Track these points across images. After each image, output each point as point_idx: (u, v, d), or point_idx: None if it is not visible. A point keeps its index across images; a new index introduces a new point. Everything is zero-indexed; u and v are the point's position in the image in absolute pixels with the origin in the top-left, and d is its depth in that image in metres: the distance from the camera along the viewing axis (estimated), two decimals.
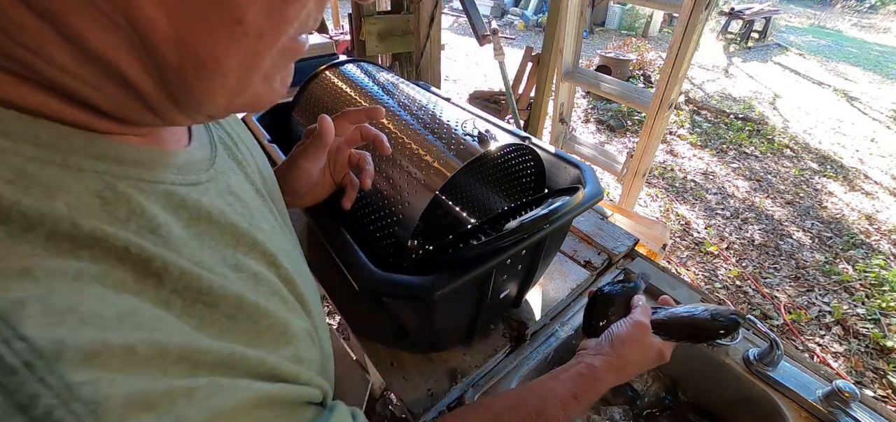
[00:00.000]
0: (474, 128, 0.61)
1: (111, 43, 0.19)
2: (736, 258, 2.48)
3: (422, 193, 0.57)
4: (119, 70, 0.20)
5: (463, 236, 0.60)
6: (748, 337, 0.74)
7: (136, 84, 0.20)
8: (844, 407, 0.61)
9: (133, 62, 0.20)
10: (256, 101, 0.25)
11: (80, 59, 0.19)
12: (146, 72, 0.20)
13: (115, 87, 0.21)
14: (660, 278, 0.83)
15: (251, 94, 0.24)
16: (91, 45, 0.18)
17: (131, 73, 0.20)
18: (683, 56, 1.53)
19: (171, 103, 0.22)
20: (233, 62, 0.21)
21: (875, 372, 1.84)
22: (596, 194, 0.61)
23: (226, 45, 0.20)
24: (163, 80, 0.21)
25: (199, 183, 0.27)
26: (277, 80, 0.26)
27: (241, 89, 0.23)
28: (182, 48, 0.20)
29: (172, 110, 0.23)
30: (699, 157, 3.60)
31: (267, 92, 0.25)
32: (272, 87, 0.25)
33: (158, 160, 0.25)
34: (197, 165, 0.28)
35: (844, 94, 5.36)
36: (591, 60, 4.88)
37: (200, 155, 0.30)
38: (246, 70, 0.22)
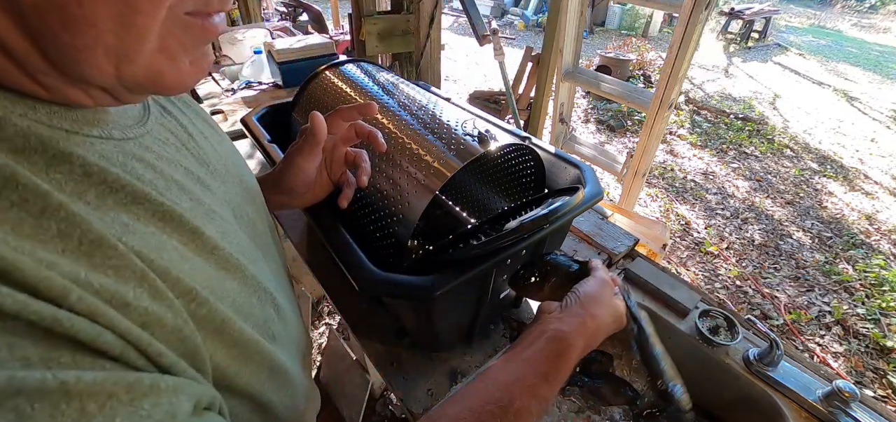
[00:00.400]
0: (474, 128, 0.61)
1: None
2: (736, 258, 2.48)
3: (422, 192, 0.57)
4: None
5: (463, 236, 0.60)
6: (748, 337, 0.74)
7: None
8: (844, 407, 0.61)
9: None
10: (159, 78, 0.23)
11: None
12: (5, 16, 0.18)
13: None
14: (660, 278, 0.82)
15: (147, 66, 0.22)
16: None
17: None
18: (683, 56, 1.53)
19: (48, 65, 0.20)
20: (104, 13, 0.19)
21: (875, 372, 1.84)
22: (596, 194, 0.61)
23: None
24: (28, 29, 0.19)
25: (130, 138, 0.27)
26: (184, 60, 0.24)
27: (127, 52, 0.21)
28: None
29: (53, 75, 0.21)
30: (699, 157, 3.60)
31: (171, 70, 0.24)
32: (177, 65, 0.24)
33: (77, 116, 0.24)
34: (128, 120, 0.28)
35: (844, 94, 5.36)
36: (591, 60, 4.88)
37: (134, 112, 0.30)
38: (126, 28, 0.20)
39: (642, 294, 0.82)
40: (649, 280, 0.82)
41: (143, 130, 0.30)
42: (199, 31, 0.24)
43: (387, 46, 1.87)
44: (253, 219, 0.40)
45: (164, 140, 0.32)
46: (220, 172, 0.37)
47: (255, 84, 1.76)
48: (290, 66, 1.66)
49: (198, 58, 0.25)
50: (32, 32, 0.19)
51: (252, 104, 1.62)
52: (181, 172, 0.31)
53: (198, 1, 0.23)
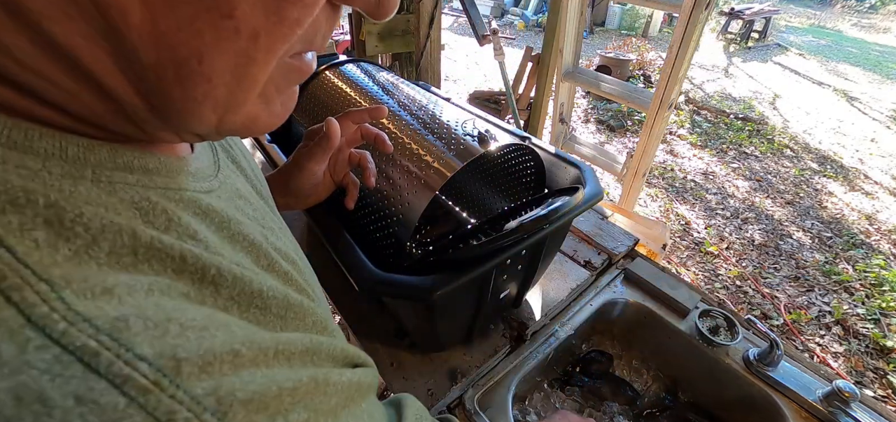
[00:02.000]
0: (474, 128, 0.61)
1: (77, 32, 0.16)
2: (736, 258, 2.48)
3: (422, 192, 0.57)
4: (89, 68, 0.17)
5: (463, 236, 0.60)
6: (748, 337, 0.74)
7: (111, 88, 0.18)
8: (844, 407, 0.61)
9: (104, 59, 0.17)
10: (252, 124, 0.22)
11: (46, 55, 0.17)
12: (121, 71, 0.18)
13: (90, 93, 0.18)
14: (660, 278, 0.82)
15: (246, 114, 0.22)
16: (53, 33, 0.16)
17: (104, 73, 0.17)
18: (683, 56, 1.53)
19: (153, 114, 0.20)
20: (221, 66, 0.18)
21: (875, 372, 1.84)
22: (596, 194, 0.61)
23: (211, 43, 0.18)
24: (141, 83, 0.18)
25: (213, 190, 0.26)
26: (278, 103, 0.23)
27: (233, 104, 0.20)
28: (160, 43, 0.17)
29: (156, 124, 0.20)
30: (699, 157, 3.60)
31: (265, 115, 0.23)
32: (271, 109, 0.23)
33: (177, 167, 0.24)
34: (206, 171, 0.27)
35: (844, 94, 5.36)
36: (591, 60, 4.88)
37: (206, 161, 0.29)
38: (238, 80, 0.19)
39: (642, 294, 0.82)
40: (649, 280, 0.82)
41: (221, 179, 0.28)
42: (295, 73, 0.23)
43: (387, 46, 1.87)
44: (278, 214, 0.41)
45: (234, 184, 0.30)
46: (267, 199, 0.37)
47: None
48: None
49: (287, 98, 0.25)
50: (145, 87, 0.18)
51: None
52: (254, 213, 0.30)
53: (304, 43, 0.22)
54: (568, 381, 0.78)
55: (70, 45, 0.16)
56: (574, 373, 0.78)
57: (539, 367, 0.72)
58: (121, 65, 0.17)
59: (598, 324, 0.83)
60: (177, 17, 0.17)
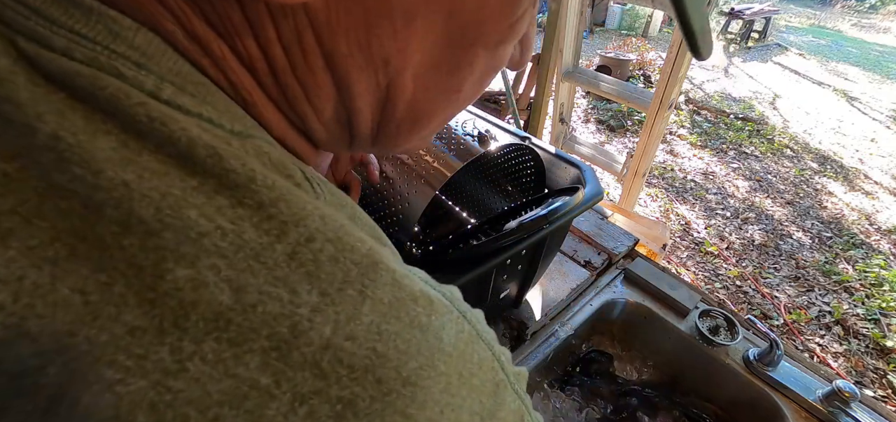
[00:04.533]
0: (474, 128, 0.61)
1: (368, 101, 0.21)
2: (736, 258, 2.48)
3: (422, 192, 0.57)
4: (354, 118, 0.22)
5: (463, 236, 0.60)
6: (748, 337, 0.74)
7: (359, 128, 0.22)
8: (844, 407, 0.61)
9: (369, 114, 0.22)
10: (426, 142, 0.29)
11: (337, 110, 0.21)
12: (372, 120, 0.22)
13: (340, 128, 0.23)
14: (660, 278, 0.83)
15: (430, 134, 0.27)
16: (354, 103, 0.21)
17: (363, 119, 0.22)
18: (683, 56, 1.52)
19: (371, 142, 0.24)
20: (439, 119, 0.24)
21: (875, 372, 1.84)
22: (596, 194, 0.61)
23: (442, 108, 0.23)
24: (380, 126, 0.23)
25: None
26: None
27: (429, 135, 0.26)
28: (410, 108, 0.22)
29: (366, 146, 0.25)
30: (699, 157, 3.60)
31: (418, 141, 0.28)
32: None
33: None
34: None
35: (844, 94, 5.36)
36: (591, 60, 4.88)
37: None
38: (440, 125, 0.26)
39: (642, 294, 0.82)
40: (649, 280, 0.82)
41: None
42: None
43: None
44: None
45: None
46: None
47: None
48: None
49: None
50: (381, 127, 0.23)
51: None
52: None
53: None
54: (568, 381, 0.78)
55: (358, 110, 0.21)
56: (574, 373, 0.78)
57: (539, 367, 0.72)
58: (375, 117, 0.22)
59: (598, 324, 0.83)
60: (431, 94, 0.22)
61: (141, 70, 0.14)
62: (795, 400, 0.65)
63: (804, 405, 0.64)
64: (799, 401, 0.65)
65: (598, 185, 0.63)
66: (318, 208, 0.16)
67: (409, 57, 0.19)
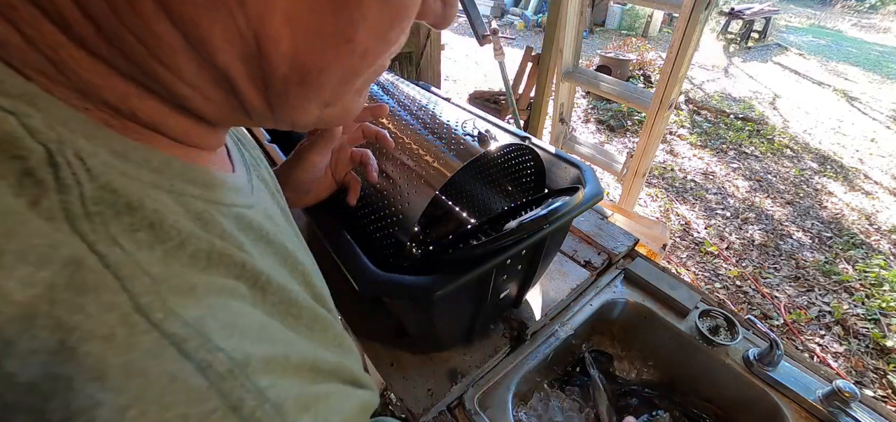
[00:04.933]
0: (474, 128, 0.61)
1: (233, 54, 0.19)
2: (736, 258, 2.48)
3: (422, 192, 0.57)
4: (230, 78, 0.20)
5: (463, 236, 0.60)
6: (748, 337, 0.74)
7: (242, 92, 0.21)
8: (844, 407, 0.61)
9: (244, 71, 0.20)
10: (346, 114, 0.26)
11: (201, 70, 0.19)
12: (251, 80, 0.20)
13: (221, 94, 0.21)
14: (660, 278, 0.83)
15: (342, 107, 0.25)
16: (217, 58, 0.19)
17: (240, 81, 0.20)
18: (683, 56, 1.53)
19: (267, 109, 0.22)
20: (334, 77, 0.22)
21: (875, 372, 1.84)
22: (596, 194, 0.61)
23: (331, 61, 0.21)
24: (266, 88, 0.21)
25: (252, 206, 0.28)
26: (364, 95, 0.27)
27: (333, 100, 0.24)
28: (294, 62, 0.20)
29: (266, 116, 0.23)
30: (699, 157, 3.60)
31: (355, 105, 0.26)
32: (361, 101, 0.27)
33: (224, 184, 0.25)
34: (245, 188, 0.29)
35: (844, 94, 5.36)
36: (591, 60, 4.88)
37: (244, 179, 0.30)
38: (342, 84, 0.23)
39: (642, 294, 0.82)
40: (649, 280, 0.82)
41: (255, 198, 0.29)
42: (381, 70, 0.26)
43: None
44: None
45: (264, 202, 0.31)
46: (289, 217, 0.37)
47: None
48: None
49: (366, 92, 0.28)
50: (270, 92, 0.21)
51: None
52: (281, 231, 0.31)
53: (396, 49, 0.25)
54: (568, 381, 0.78)
55: (225, 66, 0.19)
56: (574, 373, 0.78)
57: (539, 367, 0.72)
58: (254, 75, 0.20)
59: (598, 324, 0.83)
60: (313, 44, 0.20)
61: None
62: (795, 400, 0.65)
63: (804, 405, 0.64)
64: (799, 401, 0.65)
65: (598, 185, 0.63)
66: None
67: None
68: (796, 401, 0.65)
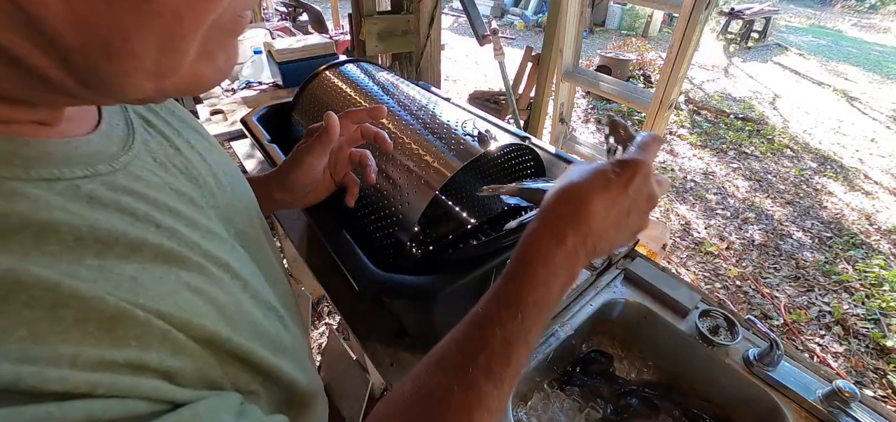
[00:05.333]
0: (474, 128, 0.61)
1: (3, 26, 0.17)
2: (736, 258, 2.48)
3: (422, 192, 0.57)
4: (12, 53, 0.18)
5: (463, 236, 0.60)
6: (748, 337, 0.74)
7: (37, 68, 0.19)
8: (844, 407, 0.61)
9: (25, 44, 0.18)
10: (198, 82, 0.23)
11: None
12: (44, 54, 0.18)
13: (16, 73, 0.19)
14: (660, 278, 0.83)
15: (188, 75, 0.22)
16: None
17: (27, 55, 0.18)
18: (683, 56, 1.53)
19: (84, 88, 0.20)
20: (146, 43, 0.19)
21: (875, 372, 1.84)
22: None
23: (133, 25, 0.18)
24: (67, 63, 0.19)
25: (103, 174, 0.26)
26: (221, 59, 0.24)
27: (166, 71, 0.21)
28: (81, 27, 0.18)
29: (89, 95, 0.21)
30: (699, 157, 3.60)
31: (210, 71, 0.24)
32: (215, 65, 0.24)
33: (34, 154, 0.23)
34: (99, 156, 0.27)
35: (844, 94, 5.36)
36: (591, 60, 4.88)
37: (113, 139, 0.28)
38: (166, 52, 0.20)
39: (642, 294, 0.82)
40: (649, 280, 0.82)
41: (130, 157, 0.28)
42: (233, 29, 0.24)
43: (387, 46, 1.87)
44: (246, 229, 0.39)
45: (151, 162, 0.30)
46: (210, 186, 0.36)
47: (255, 84, 1.76)
48: (290, 67, 1.66)
49: (230, 51, 0.25)
50: (72, 66, 0.19)
51: (252, 104, 1.62)
52: (174, 197, 0.30)
53: (236, 7, 0.23)
54: (568, 381, 0.78)
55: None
56: (574, 373, 0.78)
57: (539, 367, 0.72)
58: (45, 49, 0.18)
59: (598, 324, 0.83)
60: (96, 6, 0.17)
61: None
62: (795, 400, 0.65)
63: (804, 405, 0.64)
64: (799, 401, 0.65)
65: None
66: None
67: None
68: (796, 401, 0.65)
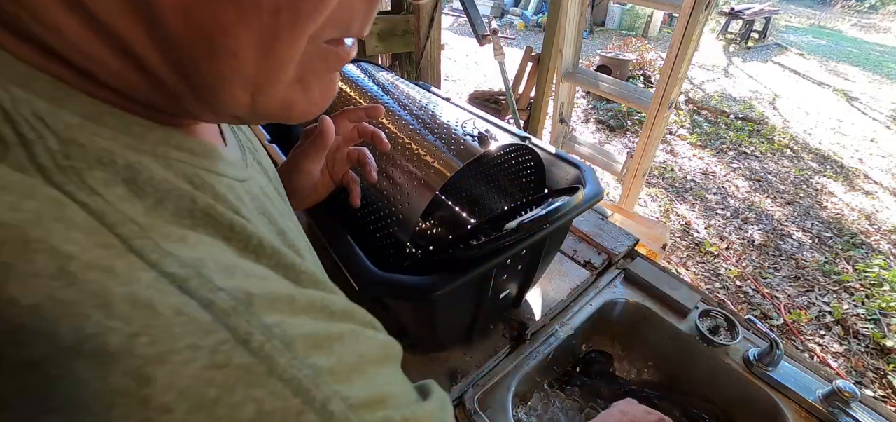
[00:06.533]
0: (474, 128, 0.61)
1: (115, 7, 0.17)
2: (736, 258, 2.48)
3: (422, 192, 0.57)
4: (129, 45, 0.18)
5: (463, 236, 0.60)
6: (748, 337, 0.74)
7: (151, 66, 0.19)
8: (844, 407, 0.61)
9: (142, 35, 0.18)
10: (290, 109, 0.23)
11: (94, 35, 0.18)
12: (157, 47, 0.18)
13: (133, 72, 0.19)
14: (660, 278, 0.82)
15: (282, 97, 0.22)
16: (95, 10, 0.17)
17: (142, 49, 0.18)
18: (683, 56, 1.53)
19: (190, 91, 0.20)
20: (246, 41, 0.19)
21: (875, 372, 1.84)
22: (596, 194, 0.61)
23: (234, 18, 0.18)
24: (176, 59, 0.19)
25: (246, 179, 0.27)
26: (316, 89, 0.24)
27: (263, 83, 0.21)
28: (189, 18, 0.18)
29: (194, 102, 0.21)
30: (699, 157, 3.60)
31: (303, 101, 0.23)
32: (309, 96, 0.24)
33: (216, 154, 0.24)
34: (238, 163, 0.28)
35: (844, 94, 5.36)
36: (591, 60, 4.88)
37: (237, 155, 0.29)
38: (265, 56, 0.20)
39: (642, 294, 0.82)
40: (649, 280, 0.82)
41: (248, 174, 0.28)
42: (334, 59, 0.24)
43: (387, 46, 1.87)
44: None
45: (259, 181, 0.31)
46: (286, 202, 0.37)
47: None
48: None
49: (326, 85, 0.25)
50: (179, 63, 0.19)
51: None
52: (278, 211, 0.30)
53: (339, 28, 0.22)
54: (568, 381, 0.78)
55: (111, 23, 0.17)
56: (574, 373, 0.78)
57: (539, 367, 0.72)
58: (156, 40, 0.18)
59: (598, 324, 0.83)
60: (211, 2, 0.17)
61: None
62: (795, 400, 0.65)
63: (804, 405, 0.64)
64: (799, 401, 0.65)
65: (598, 185, 0.63)
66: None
67: None
68: (796, 401, 0.65)
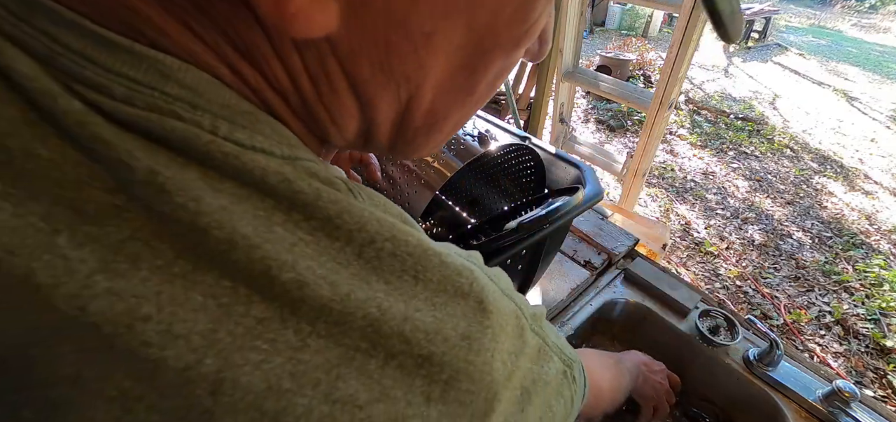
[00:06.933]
0: (474, 128, 0.61)
1: (387, 114, 0.22)
2: (736, 258, 2.48)
3: (421, 192, 0.57)
4: (373, 129, 0.23)
5: (463, 236, 0.60)
6: (748, 337, 0.74)
7: (376, 137, 0.23)
8: (844, 407, 0.61)
9: (388, 125, 0.23)
10: (436, 147, 0.28)
11: (359, 126, 0.22)
12: (391, 130, 0.23)
13: (357, 139, 0.24)
14: (660, 278, 0.82)
15: (436, 145, 0.27)
16: (377, 118, 0.22)
17: (381, 131, 0.23)
18: (683, 56, 1.53)
19: (389, 149, 0.25)
20: (453, 121, 0.25)
21: (875, 372, 1.84)
22: (596, 194, 0.61)
23: (455, 111, 0.24)
24: (399, 135, 0.24)
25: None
26: (448, 123, 0.29)
27: (438, 145, 0.27)
28: (429, 115, 0.23)
29: (384, 150, 0.25)
30: (699, 157, 3.60)
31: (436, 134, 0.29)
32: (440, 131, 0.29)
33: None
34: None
35: (844, 94, 5.36)
36: (591, 60, 4.88)
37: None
38: (457, 127, 0.26)
39: (642, 294, 0.82)
40: (649, 280, 0.82)
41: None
42: (478, 91, 0.28)
43: None
44: None
45: None
46: None
47: None
48: None
49: (456, 121, 0.30)
50: (399, 133, 0.24)
51: None
52: None
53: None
54: None
55: (379, 109, 0.22)
56: None
57: None
58: (393, 125, 0.23)
59: (598, 324, 0.83)
60: (447, 101, 0.23)
61: (196, 111, 0.16)
62: (795, 400, 0.65)
63: (804, 405, 0.64)
64: (799, 401, 0.65)
65: (598, 185, 0.63)
66: (372, 214, 0.18)
67: (429, 71, 0.20)
68: (796, 401, 0.65)
